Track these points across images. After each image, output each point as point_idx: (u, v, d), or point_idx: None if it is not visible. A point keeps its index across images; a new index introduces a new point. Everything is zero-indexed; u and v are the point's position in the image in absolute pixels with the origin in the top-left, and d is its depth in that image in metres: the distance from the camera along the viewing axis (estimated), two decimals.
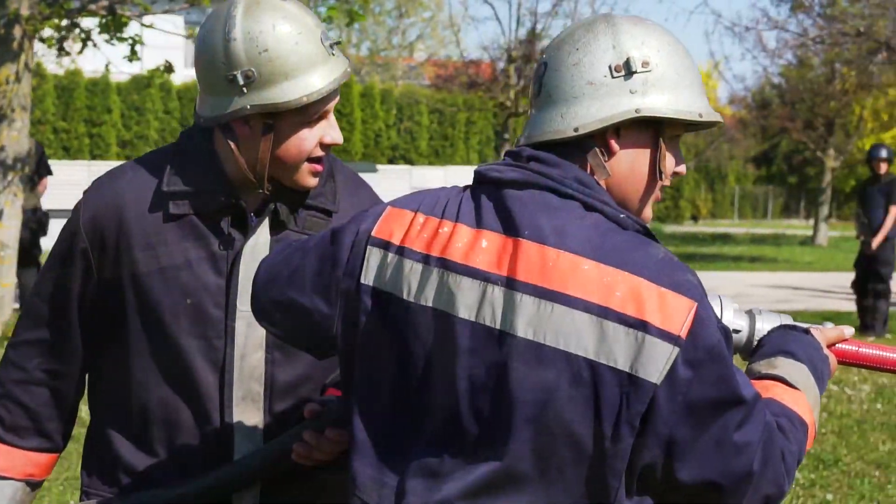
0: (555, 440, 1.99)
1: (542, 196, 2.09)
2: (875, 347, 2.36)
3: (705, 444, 1.99)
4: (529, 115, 2.25)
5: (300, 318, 2.26)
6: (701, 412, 1.98)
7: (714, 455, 2.00)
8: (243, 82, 2.50)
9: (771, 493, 2.06)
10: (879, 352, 2.35)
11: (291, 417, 2.66)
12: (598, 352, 1.96)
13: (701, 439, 1.99)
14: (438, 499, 2.06)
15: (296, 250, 2.31)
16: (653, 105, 2.11)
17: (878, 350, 2.35)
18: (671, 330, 1.95)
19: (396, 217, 2.19)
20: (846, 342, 2.38)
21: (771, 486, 2.05)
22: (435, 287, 2.09)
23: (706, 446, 1.99)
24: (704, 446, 1.99)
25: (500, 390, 2.01)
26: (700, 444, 1.99)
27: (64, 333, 2.72)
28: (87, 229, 2.65)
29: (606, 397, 1.96)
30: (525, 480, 2.01)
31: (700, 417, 1.98)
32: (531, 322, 2.00)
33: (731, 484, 2.02)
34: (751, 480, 2.03)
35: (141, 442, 2.69)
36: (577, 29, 2.19)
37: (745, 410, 2.01)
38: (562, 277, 2.00)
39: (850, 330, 2.38)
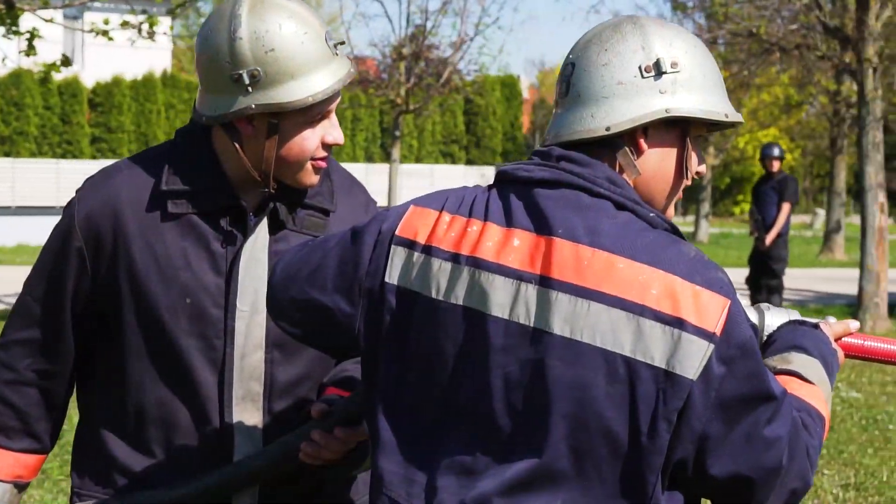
0: (591, 437, 2.02)
1: (573, 195, 2.11)
2: (879, 340, 2.42)
3: (736, 439, 2.03)
4: (554, 114, 2.27)
5: (321, 317, 2.26)
6: (733, 408, 2.02)
7: (745, 450, 2.04)
8: (249, 82, 2.49)
9: (797, 487, 2.10)
10: (884, 345, 2.40)
11: (290, 417, 2.66)
12: (635, 349, 2.00)
13: (732, 434, 2.02)
14: (474, 495, 2.07)
15: (314, 249, 2.31)
16: (682, 105, 2.15)
17: (883, 343, 2.41)
18: (706, 327, 1.99)
19: (420, 216, 2.20)
20: (851, 336, 2.43)
21: (797, 480, 2.10)
22: (466, 286, 2.11)
23: (737, 441, 2.03)
24: (735, 441, 2.03)
25: (536, 387, 2.04)
26: (731, 439, 2.03)
27: (56, 333, 2.69)
28: (83, 228, 2.62)
29: (642, 393, 1.99)
30: (562, 477, 2.04)
31: (732, 413, 2.02)
32: (567, 320, 2.02)
33: (762, 478, 2.06)
34: (780, 475, 2.07)
35: (137, 442, 2.67)
36: (604, 30, 2.21)
37: (775, 406, 2.05)
38: (597, 276, 2.03)
39: (856, 324, 2.44)
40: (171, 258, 2.59)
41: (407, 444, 2.17)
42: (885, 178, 13.95)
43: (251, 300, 2.60)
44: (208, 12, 10.93)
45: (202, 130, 2.65)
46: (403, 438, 2.17)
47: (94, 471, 2.72)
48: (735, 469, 2.04)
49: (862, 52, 13.77)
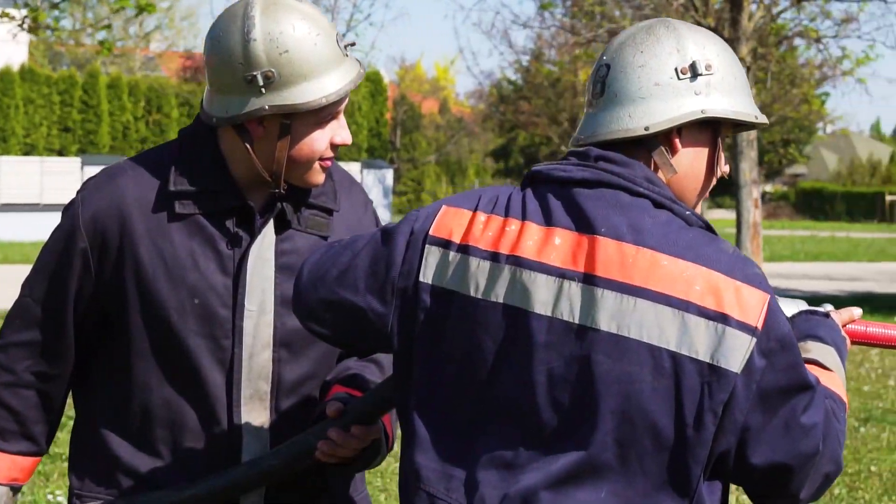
0: (636, 430, 2.08)
1: (613, 194, 2.17)
2: (880, 326, 2.52)
3: (775, 428, 2.11)
4: (586, 114, 2.33)
5: (352, 317, 2.29)
6: (772, 398, 2.10)
7: (784, 438, 2.12)
8: (263, 83, 2.51)
9: (830, 472, 2.19)
10: (885, 330, 2.51)
11: (297, 415, 2.68)
12: (680, 343, 2.07)
13: (771, 424, 2.11)
14: (519, 489, 2.12)
15: (342, 250, 2.34)
16: (716, 106, 2.23)
17: (884, 329, 2.51)
18: (748, 321, 2.07)
19: (454, 216, 2.25)
20: (855, 322, 2.53)
21: (831, 465, 2.19)
22: (506, 284, 2.16)
23: (776, 430, 2.11)
24: (775, 430, 2.11)
25: (582, 383, 2.10)
26: (770, 429, 2.11)
27: (57, 335, 2.68)
28: (88, 229, 2.61)
29: (687, 387, 2.07)
30: (606, 469, 2.10)
31: (771, 403, 2.10)
32: (614, 316, 2.09)
33: (800, 465, 2.14)
34: (816, 460, 2.16)
35: (142, 443, 2.67)
36: (637, 32, 2.28)
37: (811, 395, 2.14)
38: (643, 273, 2.09)
39: (859, 311, 2.53)
40: (178, 259, 2.60)
41: (444, 440, 2.21)
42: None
43: (259, 300, 2.62)
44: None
45: (207, 131, 2.65)
46: (440, 434, 2.21)
47: (95, 472, 2.71)
48: (775, 457, 2.12)
49: (736, 52, 14.14)
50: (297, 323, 2.63)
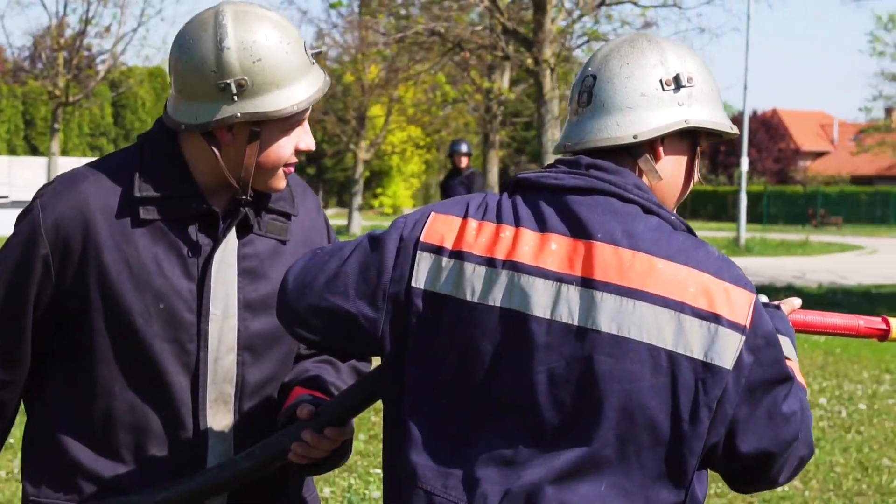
0: (635, 426, 2.19)
1: (605, 201, 2.28)
2: (817, 315, 2.69)
3: (760, 418, 2.25)
4: (570, 122, 2.43)
5: (343, 323, 2.35)
6: (757, 391, 2.24)
7: (767, 427, 2.26)
8: (236, 91, 2.53)
9: (804, 455, 2.35)
10: (822, 318, 2.68)
11: (259, 417, 2.72)
12: (677, 343, 2.19)
13: (756, 414, 2.24)
14: (523, 484, 2.21)
15: (328, 257, 2.39)
16: (697, 116, 2.37)
17: (820, 317, 2.69)
18: (738, 321, 2.21)
19: (444, 222, 2.33)
20: (795, 312, 2.68)
21: (805, 448, 2.34)
22: (504, 288, 2.24)
23: (761, 420, 2.25)
24: (759, 420, 2.25)
25: (584, 382, 2.20)
26: (755, 419, 2.25)
27: (14, 342, 2.66)
28: (49, 235, 2.60)
29: (683, 384, 2.19)
30: (606, 464, 2.21)
31: (756, 395, 2.24)
32: (615, 318, 2.20)
33: (782, 451, 2.29)
34: (795, 446, 2.31)
35: (105, 448, 2.66)
36: (621, 45, 2.40)
37: (790, 385, 2.29)
38: (640, 276, 2.21)
39: (799, 301, 2.68)
40: (143, 264, 2.60)
41: (440, 440, 2.28)
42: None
43: (223, 304, 2.65)
44: None
45: (169, 137, 2.66)
46: (436, 434, 2.28)
47: (53, 477, 2.69)
48: (759, 445, 2.26)
49: (540, 54, 14.52)
50: (260, 326, 2.68)
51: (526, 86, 25.48)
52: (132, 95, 39.69)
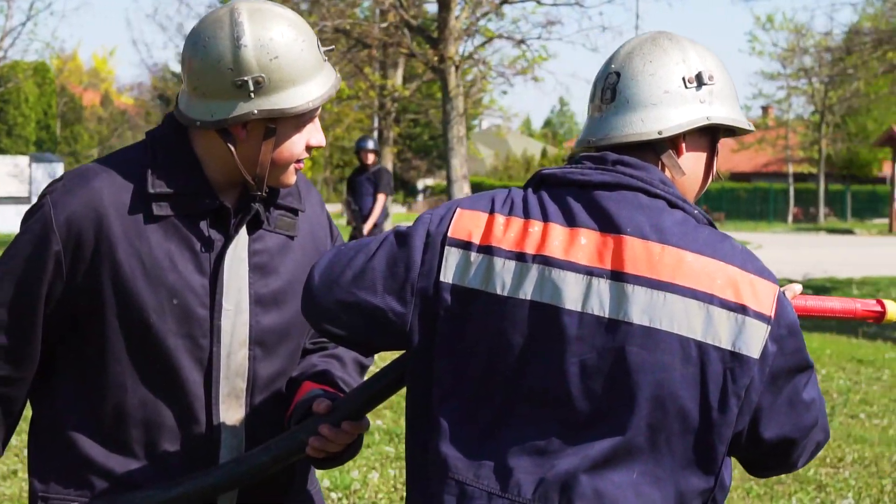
0: (666, 414, 2.26)
1: (633, 196, 2.35)
2: (817, 300, 2.75)
3: (781, 405, 2.33)
4: (594, 118, 2.48)
5: (371, 317, 2.39)
6: (780, 379, 2.31)
7: (789, 414, 2.34)
8: (253, 88, 2.55)
9: (821, 440, 2.44)
10: (821, 303, 2.74)
11: (269, 411, 2.75)
12: (706, 333, 2.25)
13: (778, 402, 2.32)
14: (558, 473, 2.26)
15: (354, 253, 2.43)
16: (718, 113, 2.44)
17: (820, 301, 2.74)
18: (764, 311, 2.28)
19: (470, 218, 2.37)
20: (795, 298, 2.72)
21: (822, 434, 2.43)
22: (534, 282, 2.29)
23: (782, 407, 2.33)
24: (781, 408, 2.33)
25: (617, 372, 2.25)
26: (778, 406, 2.32)
27: (23, 339, 2.65)
28: (62, 231, 2.59)
29: (711, 373, 2.26)
30: (638, 452, 2.27)
31: (779, 383, 2.31)
32: (646, 310, 2.26)
33: (802, 436, 2.37)
34: (814, 431, 2.40)
35: (116, 444, 2.67)
36: (643, 43, 2.46)
37: (810, 373, 2.37)
38: (669, 269, 2.27)
39: (799, 287, 2.74)
40: (156, 260, 2.61)
41: (470, 431, 2.32)
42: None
43: (235, 299, 2.67)
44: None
45: (180, 134, 2.67)
46: (466, 425, 2.33)
47: (62, 474, 2.69)
48: (782, 432, 2.34)
49: (445, 51, 14.58)
50: (274, 321, 2.70)
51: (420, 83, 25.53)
52: (16, 90, 38.90)
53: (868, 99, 48.15)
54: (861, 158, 58.22)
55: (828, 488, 7.23)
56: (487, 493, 2.29)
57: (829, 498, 7.07)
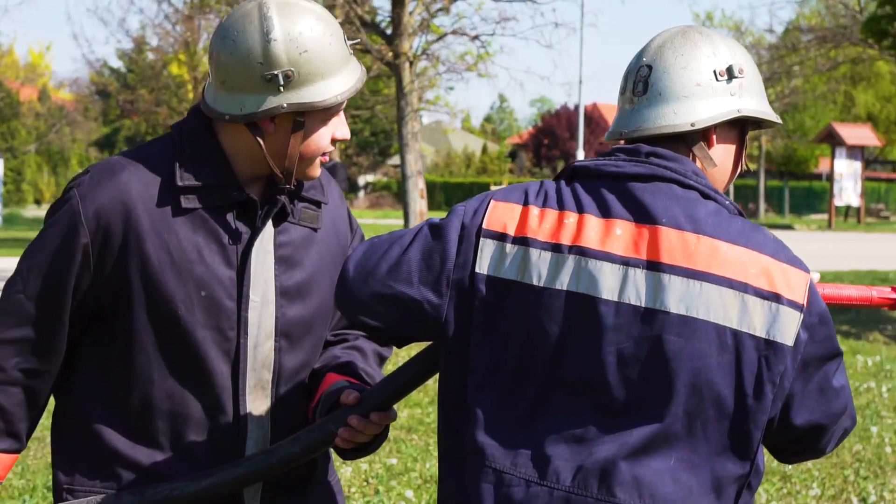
0: (703, 401, 2.30)
1: (667, 187, 2.39)
2: (833, 287, 2.80)
3: (812, 392, 2.38)
4: (624, 110, 2.52)
5: (407, 309, 2.41)
6: (810, 366, 2.36)
7: (819, 400, 2.39)
8: (283, 82, 2.57)
9: (848, 426, 2.49)
10: (838, 290, 2.79)
11: (294, 402, 2.78)
12: (741, 322, 2.30)
13: (808, 389, 2.37)
14: (597, 460, 2.30)
15: (388, 246, 2.45)
16: (748, 106, 2.49)
17: (837, 289, 2.79)
18: (796, 299, 2.33)
19: (504, 210, 2.41)
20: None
21: (849, 420, 2.48)
22: (570, 272, 2.33)
23: (813, 394, 2.38)
24: (812, 394, 2.38)
25: (654, 360, 2.29)
26: (808, 393, 2.37)
27: (51, 332, 2.66)
28: (90, 224, 2.61)
29: (746, 361, 2.30)
30: (675, 439, 2.31)
31: (810, 371, 2.36)
32: (682, 299, 2.29)
33: (831, 423, 2.42)
34: (843, 417, 2.44)
35: (142, 435, 2.69)
36: (674, 37, 2.50)
37: (839, 360, 2.42)
38: (705, 259, 2.31)
39: (817, 276, 2.77)
40: (184, 252, 2.63)
41: (506, 420, 2.35)
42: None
43: (262, 291, 2.69)
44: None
45: (207, 127, 2.69)
46: (502, 414, 2.36)
47: (87, 466, 2.70)
48: (812, 418, 2.39)
49: (399, 48, 14.59)
50: (298, 313, 2.72)
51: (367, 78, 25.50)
52: None
53: (806, 96, 48.67)
54: (799, 155, 58.84)
55: (792, 479, 7.34)
56: (525, 481, 2.32)
57: (794, 489, 7.18)
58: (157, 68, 37.24)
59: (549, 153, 65.45)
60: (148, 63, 39.68)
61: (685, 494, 2.30)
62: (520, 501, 2.32)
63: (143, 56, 41.30)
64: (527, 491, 2.32)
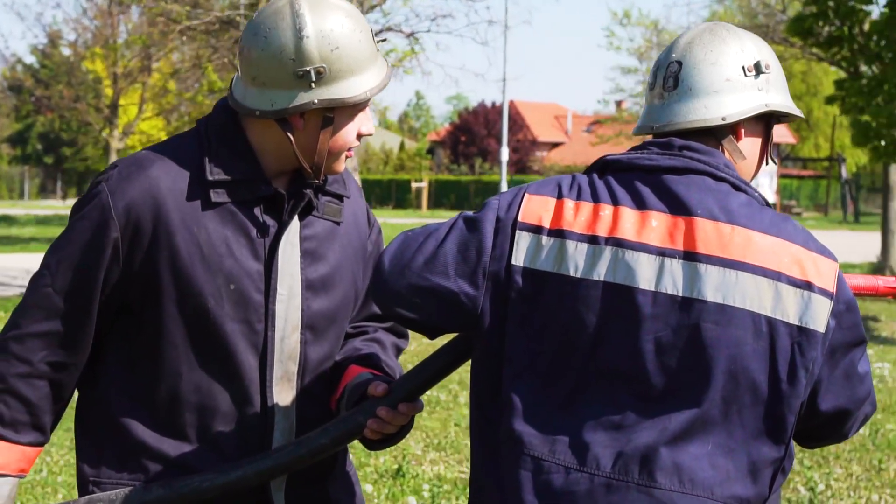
0: (739, 387, 2.36)
1: (700, 180, 2.45)
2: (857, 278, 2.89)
3: (838, 378, 2.45)
4: (654, 105, 2.59)
5: (443, 301, 2.46)
6: (837, 353, 2.44)
7: (845, 386, 2.47)
8: (314, 78, 2.61)
9: (869, 412, 2.57)
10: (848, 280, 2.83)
11: (318, 393, 2.82)
12: (775, 309, 2.37)
13: (835, 374, 2.45)
14: (637, 446, 2.35)
15: (423, 239, 2.50)
16: (774, 101, 2.57)
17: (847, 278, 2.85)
18: (827, 287, 2.41)
19: (539, 203, 2.46)
20: None
21: (870, 406, 2.56)
22: (607, 263, 2.39)
23: (839, 380, 2.46)
24: (838, 380, 2.46)
25: (692, 348, 2.35)
26: (834, 379, 2.45)
27: (78, 325, 2.69)
28: (121, 218, 2.63)
29: (780, 347, 2.37)
30: (712, 424, 2.37)
31: (836, 357, 2.44)
32: (719, 288, 2.36)
33: (856, 408, 2.50)
34: (866, 403, 2.52)
35: (169, 428, 2.72)
36: (702, 34, 2.58)
37: (864, 347, 2.50)
38: (740, 249, 2.38)
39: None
40: (214, 246, 2.66)
41: (543, 408, 2.41)
42: None
43: (288, 284, 2.73)
44: None
45: (235, 122, 2.72)
46: (539, 403, 2.41)
47: (114, 458, 2.73)
48: (838, 403, 2.47)
49: None
50: (323, 305, 2.76)
51: None
52: None
53: None
54: None
55: None
56: (564, 468, 2.37)
57: None
58: (73, 63, 36.73)
59: (466, 150, 65.62)
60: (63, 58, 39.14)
61: (723, 478, 2.36)
62: (559, 488, 2.37)
63: (58, 51, 40.76)
64: (566, 477, 2.37)
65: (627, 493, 2.35)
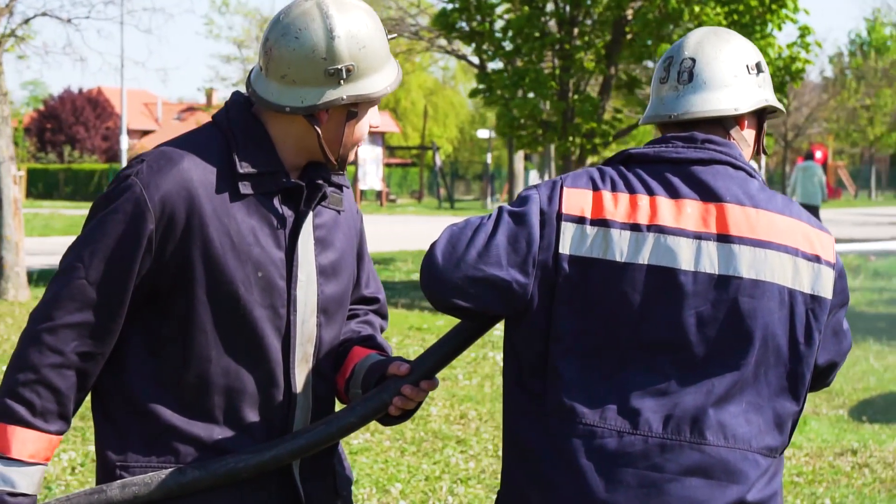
0: (767, 351, 2.67)
1: (723, 169, 2.74)
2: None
3: (829, 335, 2.80)
4: (668, 96, 2.84)
5: (497, 289, 2.67)
6: (831, 313, 2.77)
7: (834, 342, 2.82)
8: (344, 76, 2.76)
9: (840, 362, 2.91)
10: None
11: (327, 373, 2.96)
12: (794, 281, 2.69)
13: (827, 332, 2.78)
14: (686, 408, 2.62)
15: (472, 232, 2.70)
16: (769, 97, 2.88)
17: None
18: (830, 259, 2.75)
19: (578, 196, 2.70)
20: None
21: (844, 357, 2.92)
22: (650, 248, 2.65)
23: (830, 337, 2.80)
24: (829, 337, 2.80)
25: (731, 320, 2.64)
26: (827, 336, 2.79)
27: (110, 316, 2.73)
28: (157, 210, 2.69)
29: (798, 314, 2.69)
30: (747, 385, 2.67)
31: (830, 317, 2.78)
32: (752, 265, 2.66)
33: (842, 359, 2.87)
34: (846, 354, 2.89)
35: (197, 411, 2.79)
36: (708, 35, 2.86)
37: (847, 306, 2.85)
38: (765, 229, 2.68)
39: None
40: (243, 236, 2.76)
41: (591, 380, 2.65)
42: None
43: (306, 270, 2.85)
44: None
45: (255, 118, 2.83)
46: (587, 376, 2.65)
47: (140, 443, 2.78)
48: (829, 357, 2.82)
49: None
50: (334, 290, 2.92)
51: None
52: None
53: None
54: None
55: None
56: (617, 432, 2.61)
57: None
58: None
59: (53, 138, 63.36)
60: None
61: (756, 432, 2.67)
62: (614, 450, 2.61)
63: None
64: (620, 441, 2.61)
65: (681, 451, 2.61)
